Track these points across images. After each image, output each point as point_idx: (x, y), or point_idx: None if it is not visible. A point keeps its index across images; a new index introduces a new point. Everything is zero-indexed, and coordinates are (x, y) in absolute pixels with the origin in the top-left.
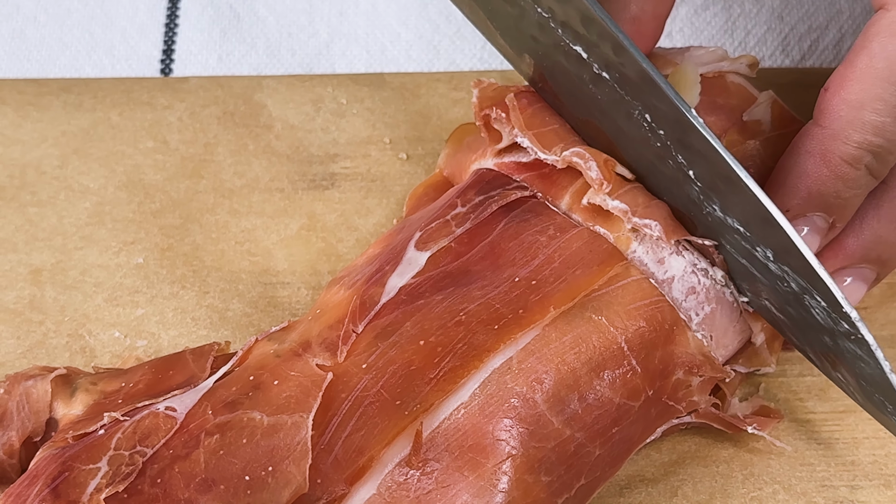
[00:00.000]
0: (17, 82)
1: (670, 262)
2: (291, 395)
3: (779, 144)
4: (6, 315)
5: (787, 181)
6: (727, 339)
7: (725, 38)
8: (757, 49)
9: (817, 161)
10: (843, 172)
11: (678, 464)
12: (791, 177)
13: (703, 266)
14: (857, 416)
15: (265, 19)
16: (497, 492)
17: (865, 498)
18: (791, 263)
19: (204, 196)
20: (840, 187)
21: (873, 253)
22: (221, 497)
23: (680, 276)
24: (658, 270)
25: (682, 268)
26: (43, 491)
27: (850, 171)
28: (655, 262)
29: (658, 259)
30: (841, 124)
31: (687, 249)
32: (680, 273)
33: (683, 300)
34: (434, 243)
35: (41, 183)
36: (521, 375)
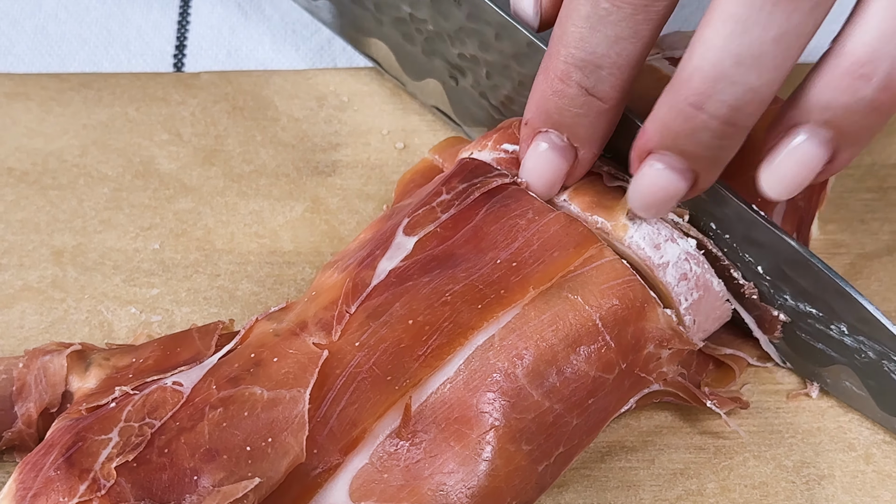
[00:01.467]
0: (41, 77)
1: (666, 248)
2: (290, 371)
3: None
4: (30, 293)
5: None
6: (708, 323)
7: None
8: None
9: (541, 77)
10: (558, 88)
11: (655, 433)
12: (528, 100)
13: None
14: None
15: (271, 17)
16: (481, 460)
17: (829, 460)
18: (865, 331)
19: (215, 183)
20: (559, 102)
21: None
22: (224, 466)
23: (674, 261)
24: (654, 255)
25: (677, 254)
26: (58, 459)
27: (564, 87)
28: (652, 247)
29: (655, 244)
30: (553, 42)
31: (683, 238)
32: (674, 259)
33: (675, 285)
34: (421, 228)
35: (62, 170)
36: (502, 352)
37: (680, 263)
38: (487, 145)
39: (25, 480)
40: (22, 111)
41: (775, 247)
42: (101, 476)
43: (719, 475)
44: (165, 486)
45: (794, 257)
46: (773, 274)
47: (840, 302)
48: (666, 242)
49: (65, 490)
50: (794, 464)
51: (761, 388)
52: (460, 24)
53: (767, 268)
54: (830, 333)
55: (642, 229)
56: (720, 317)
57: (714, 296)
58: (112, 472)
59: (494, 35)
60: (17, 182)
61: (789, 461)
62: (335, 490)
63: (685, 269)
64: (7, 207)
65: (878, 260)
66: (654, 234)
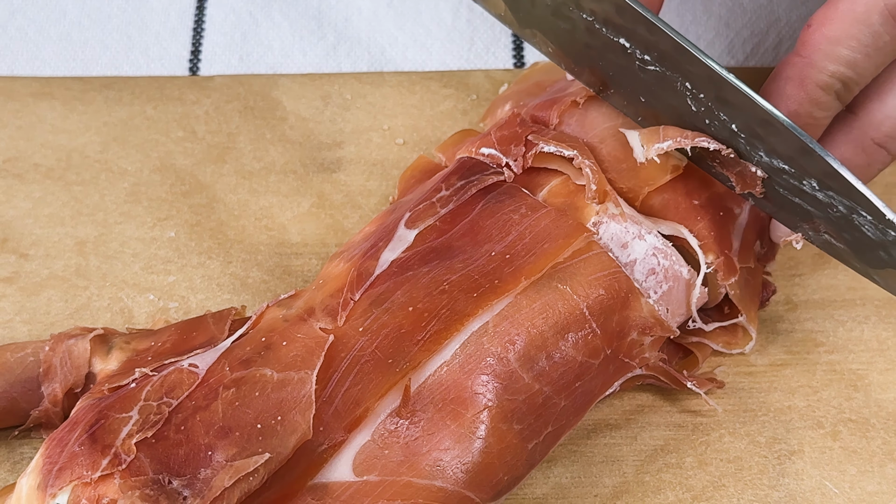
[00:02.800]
0: (65, 80)
1: (633, 246)
2: (298, 354)
3: None
4: (55, 281)
5: (770, 96)
6: (681, 310)
7: None
8: (706, 51)
9: (796, 85)
10: (817, 96)
11: (637, 412)
12: (773, 98)
13: (664, 248)
14: (792, 369)
15: (280, 24)
16: (475, 438)
17: (799, 436)
18: (833, 186)
19: (227, 178)
20: (814, 109)
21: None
22: (237, 442)
23: (641, 258)
24: (622, 254)
25: (644, 251)
26: (82, 436)
27: (823, 95)
28: (619, 247)
29: (622, 244)
30: (819, 56)
31: (650, 233)
32: (641, 256)
33: (644, 280)
34: (421, 222)
35: (85, 165)
36: (496, 337)
37: (647, 259)
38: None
39: (51, 455)
40: (47, 110)
41: (745, 106)
42: (122, 451)
43: (697, 450)
44: (182, 460)
45: (762, 116)
46: (746, 132)
47: (807, 158)
48: (633, 240)
49: (88, 464)
50: (766, 440)
51: (735, 369)
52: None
53: (741, 126)
54: (804, 189)
55: (610, 229)
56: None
57: (683, 284)
58: (132, 448)
59: None
60: (43, 178)
61: (762, 437)
62: (339, 465)
63: (653, 263)
64: (35, 204)
65: None
66: (622, 232)
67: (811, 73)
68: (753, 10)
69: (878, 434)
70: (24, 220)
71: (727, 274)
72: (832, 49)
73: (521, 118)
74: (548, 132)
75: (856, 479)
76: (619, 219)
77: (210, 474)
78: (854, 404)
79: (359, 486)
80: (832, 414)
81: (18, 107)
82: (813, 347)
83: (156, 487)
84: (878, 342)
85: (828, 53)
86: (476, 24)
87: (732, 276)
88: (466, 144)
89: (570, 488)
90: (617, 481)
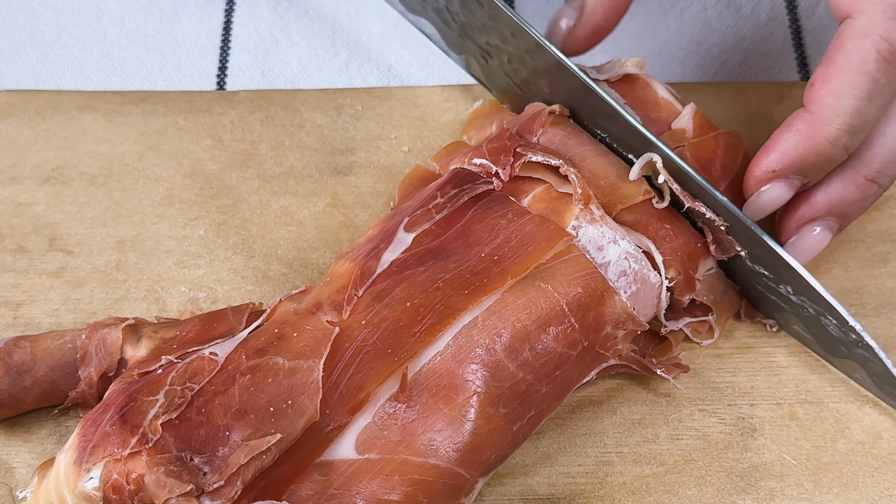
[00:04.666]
0: (106, 94)
1: (608, 249)
2: (307, 344)
3: (700, 148)
4: (98, 275)
5: (778, 150)
6: (647, 309)
7: (655, 58)
8: (680, 67)
9: (804, 139)
10: (824, 150)
11: (618, 390)
12: (782, 147)
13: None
14: (755, 352)
15: (298, 43)
16: (465, 421)
17: (761, 414)
18: (805, 295)
19: (250, 181)
20: (819, 161)
21: (837, 209)
22: (252, 424)
23: (615, 261)
24: (598, 256)
25: (617, 255)
26: (113, 417)
27: (830, 148)
28: (596, 249)
29: (598, 247)
30: (826, 111)
31: (623, 238)
32: (615, 259)
33: (616, 280)
34: (419, 226)
35: (124, 172)
36: (484, 330)
37: (620, 262)
38: (465, 161)
39: (86, 434)
40: (90, 122)
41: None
42: (149, 431)
43: (670, 425)
44: (202, 440)
45: (746, 231)
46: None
47: (785, 270)
48: (608, 244)
49: (119, 442)
50: (731, 417)
51: (705, 352)
52: (483, 21)
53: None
54: (780, 290)
55: (588, 233)
56: (655, 304)
57: (651, 287)
58: (158, 428)
59: (510, 33)
60: (87, 185)
61: (728, 415)
62: (343, 444)
63: (624, 266)
64: (80, 207)
65: None
66: (599, 236)
67: (820, 128)
68: (721, 31)
69: (831, 413)
70: (70, 221)
71: (684, 290)
72: (838, 102)
73: (509, 133)
74: (535, 145)
75: (811, 452)
76: (597, 223)
77: (227, 452)
78: (810, 386)
79: (361, 464)
80: (790, 395)
81: (64, 119)
82: (774, 334)
83: (179, 464)
84: None
85: (834, 107)
86: None
87: (689, 293)
88: (459, 155)
89: (556, 457)
90: (598, 452)
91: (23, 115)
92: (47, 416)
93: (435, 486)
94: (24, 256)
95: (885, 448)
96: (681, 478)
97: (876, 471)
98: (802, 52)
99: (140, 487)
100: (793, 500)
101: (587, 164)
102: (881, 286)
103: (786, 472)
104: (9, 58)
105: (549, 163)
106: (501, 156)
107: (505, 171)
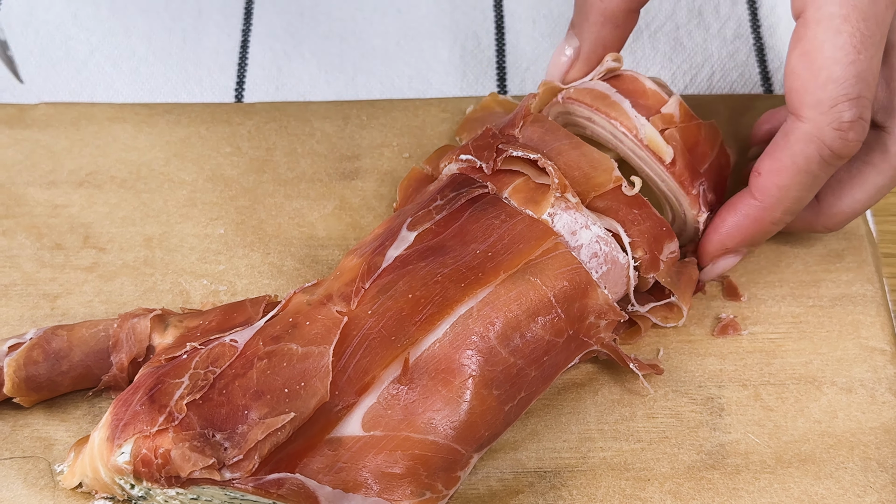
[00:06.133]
0: (134, 106)
1: (580, 233)
2: (318, 332)
3: (686, 132)
4: (128, 270)
5: (728, 230)
6: (617, 287)
7: None
8: None
9: (753, 222)
10: (769, 230)
11: (599, 373)
12: (732, 229)
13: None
14: (724, 339)
15: (309, 60)
16: (462, 401)
17: (729, 395)
18: None
19: (266, 185)
20: (764, 238)
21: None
22: (268, 404)
23: (587, 244)
24: (571, 240)
25: (589, 238)
26: (143, 397)
27: (774, 228)
28: (570, 234)
29: (571, 231)
30: (773, 202)
31: (595, 224)
32: (587, 242)
33: (588, 261)
34: (420, 225)
35: (151, 177)
36: (479, 320)
37: (591, 245)
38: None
39: (118, 413)
40: (120, 131)
41: None
42: (175, 410)
43: (647, 405)
44: (223, 418)
45: None
46: None
47: None
48: (581, 229)
49: (147, 420)
50: (702, 398)
51: (678, 338)
52: None
53: None
54: None
55: (562, 219)
56: (623, 283)
57: (620, 267)
58: (183, 408)
59: None
60: (118, 188)
61: (699, 395)
62: (351, 422)
63: (595, 248)
64: (111, 208)
65: None
66: (572, 222)
67: (766, 215)
68: (691, 48)
69: (791, 394)
70: (102, 221)
71: (649, 268)
72: (784, 195)
73: (492, 132)
74: (515, 141)
75: (773, 431)
76: (572, 209)
77: (246, 429)
78: (772, 369)
79: (367, 440)
80: (755, 377)
81: (97, 129)
82: (740, 321)
83: (202, 440)
84: (792, 317)
85: (780, 198)
86: (467, 60)
87: (654, 272)
88: (448, 154)
89: (543, 433)
90: (581, 429)
91: (59, 125)
92: (82, 398)
93: (434, 461)
94: (60, 253)
95: (840, 426)
96: (656, 454)
97: (832, 447)
98: (765, 67)
99: (167, 461)
100: (756, 474)
101: (563, 157)
102: (837, 279)
103: (750, 449)
104: (47, 73)
105: (528, 157)
106: (485, 152)
107: (488, 165)
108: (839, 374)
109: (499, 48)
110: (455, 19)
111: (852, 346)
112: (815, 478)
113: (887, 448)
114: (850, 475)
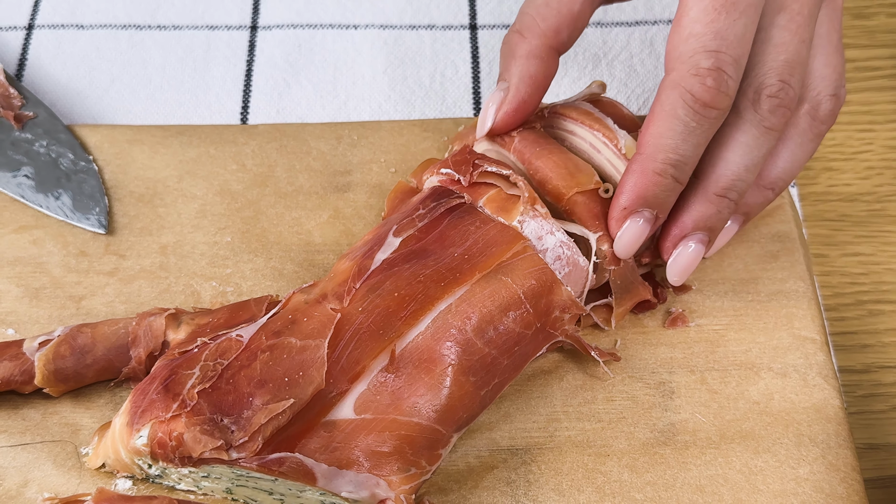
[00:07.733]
0: (151, 128)
1: (546, 239)
2: (315, 327)
3: None
4: (145, 274)
5: (623, 190)
6: (577, 287)
7: None
8: None
9: (639, 176)
10: (656, 181)
11: (564, 360)
12: (625, 186)
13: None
14: (675, 330)
15: (306, 87)
16: (442, 387)
17: (678, 379)
18: None
19: (268, 198)
20: (656, 191)
21: (700, 223)
22: (270, 391)
23: (551, 248)
24: (538, 244)
25: (554, 242)
26: (158, 387)
27: (661, 179)
28: (537, 238)
29: (538, 237)
30: (651, 150)
31: (559, 230)
32: (551, 246)
33: (552, 263)
34: (405, 232)
35: (166, 192)
36: (457, 315)
37: (555, 249)
38: (434, 172)
39: (136, 401)
40: (138, 152)
41: None
42: (188, 398)
43: (606, 389)
44: (230, 404)
45: None
46: None
47: None
48: (546, 234)
49: (163, 407)
50: (654, 382)
51: (633, 329)
52: None
53: None
54: None
55: (530, 226)
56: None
57: (580, 269)
58: (194, 395)
59: None
60: (136, 202)
61: (652, 380)
62: (344, 407)
63: (559, 252)
64: (130, 220)
65: None
66: (538, 228)
67: (649, 164)
68: (644, 74)
69: (733, 379)
70: (121, 231)
71: (611, 262)
72: (658, 142)
73: (469, 149)
74: (489, 158)
75: (717, 412)
76: (539, 217)
77: (251, 414)
78: (716, 356)
79: (358, 422)
80: (701, 364)
81: (118, 150)
82: (688, 314)
83: (212, 424)
84: (733, 311)
85: (656, 146)
86: (447, 86)
87: (615, 265)
88: (431, 168)
89: (514, 415)
90: (549, 411)
91: (84, 146)
92: (105, 388)
93: (418, 440)
94: (84, 259)
95: (776, 406)
96: (614, 432)
97: (769, 425)
98: None
99: (180, 443)
100: (703, 449)
101: (553, 157)
102: (773, 277)
103: (697, 427)
104: (73, 100)
105: (501, 172)
106: (462, 166)
107: (465, 178)
108: (775, 361)
109: (474, 75)
110: (435, 50)
111: (786, 335)
112: (755, 452)
113: (818, 425)
114: (785, 449)
